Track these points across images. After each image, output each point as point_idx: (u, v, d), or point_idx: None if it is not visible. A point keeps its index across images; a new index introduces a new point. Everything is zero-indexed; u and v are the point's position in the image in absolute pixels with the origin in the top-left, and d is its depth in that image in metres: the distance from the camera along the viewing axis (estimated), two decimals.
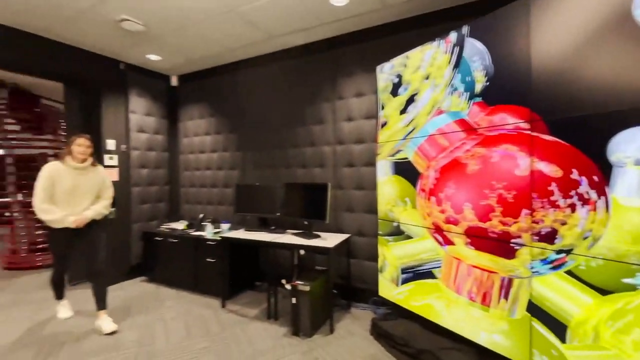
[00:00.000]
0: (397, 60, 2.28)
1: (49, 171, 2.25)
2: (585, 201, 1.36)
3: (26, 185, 4.14)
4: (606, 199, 1.30)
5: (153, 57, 3.35)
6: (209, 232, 3.09)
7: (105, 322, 2.35)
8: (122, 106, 3.45)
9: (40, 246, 4.10)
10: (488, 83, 1.74)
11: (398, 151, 2.29)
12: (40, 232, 4.12)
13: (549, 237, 1.48)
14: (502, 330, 1.68)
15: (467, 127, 1.84)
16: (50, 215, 2.24)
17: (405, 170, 2.23)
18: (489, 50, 1.73)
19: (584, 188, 1.36)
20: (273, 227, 2.90)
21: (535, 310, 1.54)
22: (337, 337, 2.27)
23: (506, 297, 1.67)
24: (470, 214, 1.81)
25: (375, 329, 2.28)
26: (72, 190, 2.31)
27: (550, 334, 1.49)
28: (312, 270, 2.67)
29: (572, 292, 1.41)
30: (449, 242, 1.95)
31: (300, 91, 3.06)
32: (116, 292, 3.10)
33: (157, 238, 3.33)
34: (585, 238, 1.36)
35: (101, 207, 2.46)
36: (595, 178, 1.33)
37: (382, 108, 2.43)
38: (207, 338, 2.27)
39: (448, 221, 1.94)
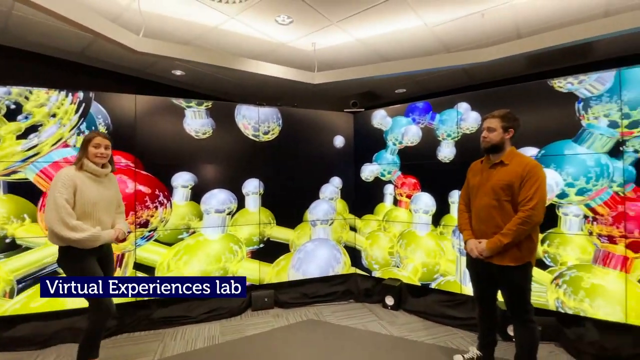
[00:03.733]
0: (16, 89, 2.51)
1: (69, 178, 1.76)
2: (161, 204, 2.89)
3: None
4: (171, 203, 2.92)
5: None
6: None
7: None
8: None
9: None
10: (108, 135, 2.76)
11: (14, 172, 2.49)
12: None
13: (145, 224, 2.84)
14: None
15: None
16: (81, 232, 1.73)
17: (24, 190, 2.51)
18: (109, 115, 2.77)
19: (161, 198, 2.89)
20: None
21: (138, 266, 2.80)
22: None
23: (120, 266, 2.77)
24: None
25: None
26: (95, 203, 1.84)
27: (144, 274, 2.83)
28: None
29: (156, 250, 2.87)
30: None
31: None
32: None
33: None
34: (162, 221, 2.89)
35: (124, 221, 2.08)
36: (166, 193, 2.90)
37: None
38: None
39: None
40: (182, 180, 2.97)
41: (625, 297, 2.21)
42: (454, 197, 2.89)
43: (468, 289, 2.73)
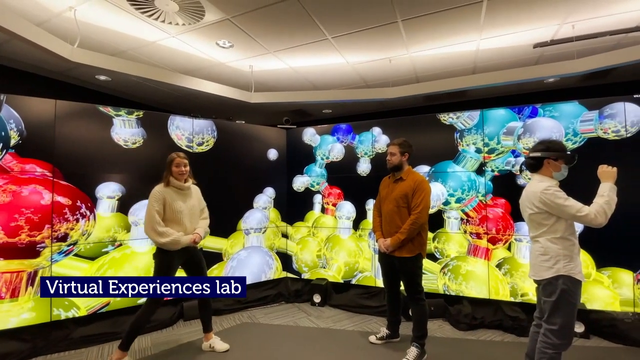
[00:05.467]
0: None
1: (160, 194, 2.28)
2: (83, 216, 2.74)
3: None
4: (94, 214, 2.79)
5: None
6: None
7: (218, 342, 2.50)
8: None
9: None
10: (21, 141, 2.55)
11: None
12: None
13: (63, 238, 2.66)
14: (29, 308, 2.50)
15: (0, 169, 2.46)
16: (167, 236, 2.20)
17: None
18: (23, 120, 2.56)
19: (83, 210, 2.75)
20: None
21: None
22: None
23: (32, 284, 2.53)
24: (0, 234, 2.42)
25: None
26: (180, 212, 2.31)
27: None
28: None
29: (76, 265, 2.70)
30: None
31: None
32: None
33: None
34: (83, 234, 2.74)
35: (206, 226, 2.50)
36: (89, 204, 2.77)
37: None
38: None
39: None
40: (109, 191, 2.87)
41: (488, 278, 2.99)
42: (370, 204, 3.44)
43: (381, 282, 3.27)
